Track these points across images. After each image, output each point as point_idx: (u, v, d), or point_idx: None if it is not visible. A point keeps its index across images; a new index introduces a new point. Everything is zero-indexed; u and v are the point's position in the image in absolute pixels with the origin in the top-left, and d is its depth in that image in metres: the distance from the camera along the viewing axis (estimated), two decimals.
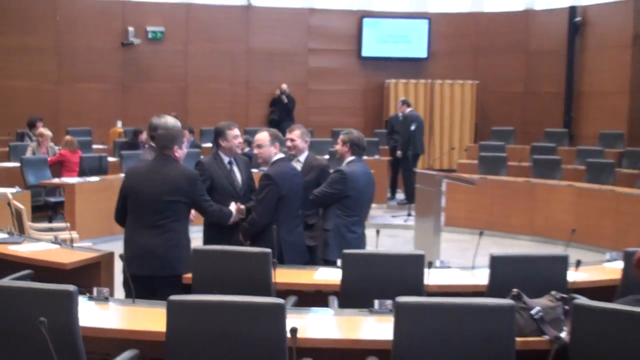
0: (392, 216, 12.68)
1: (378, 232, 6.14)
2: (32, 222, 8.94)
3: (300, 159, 6.60)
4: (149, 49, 16.44)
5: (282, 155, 6.16)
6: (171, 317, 3.65)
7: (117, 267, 5.55)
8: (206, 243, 6.07)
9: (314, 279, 5.47)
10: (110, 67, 16.31)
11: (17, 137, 14.02)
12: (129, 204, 5.45)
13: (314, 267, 5.84)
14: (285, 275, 5.30)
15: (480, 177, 11.94)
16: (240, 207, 5.98)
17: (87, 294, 4.69)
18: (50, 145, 12.29)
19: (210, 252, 5.30)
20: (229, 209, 5.80)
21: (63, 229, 8.69)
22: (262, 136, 6.12)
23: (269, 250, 5.02)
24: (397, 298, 3.77)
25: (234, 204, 5.93)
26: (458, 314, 3.74)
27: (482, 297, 4.46)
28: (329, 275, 5.43)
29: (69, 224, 9.29)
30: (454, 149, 16.27)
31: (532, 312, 4.13)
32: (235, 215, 5.91)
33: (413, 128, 13.45)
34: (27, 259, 5.79)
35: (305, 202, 6.29)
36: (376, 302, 4.58)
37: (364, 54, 17.43)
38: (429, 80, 17.27)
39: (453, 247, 9.45)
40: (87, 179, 10.82)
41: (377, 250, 5.95)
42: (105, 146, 14.29)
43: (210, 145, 13.01)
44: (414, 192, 12.64)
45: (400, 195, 14.01)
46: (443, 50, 17.41)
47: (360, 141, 6.52)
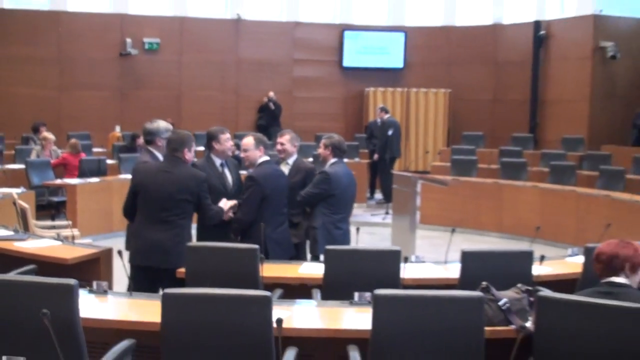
0: (371, 215, 12.68)
1: (358, 230, 6.17)
2: (36, 220, 8.89)
3: (289, 162, 6.61)
4: (145, 59, 16.38)
5: (267, 158, 6.15)
6: (166, 308, 3.64)
7: (116, 262, 5.53)
8: (199, 239, 6.07)
9: (299, 273, 5.47)
10: (109, 75, 16.23)
11: (22, 141, 13.96)
12: (139, 200, 5.46)
13: (298, 262, 5.85)
14: (271, 269, 5.28)
15: (453, 178, 11.96)
16: (231, 203, 5.97)
17: (87, 287, 4.66)
18: (53, 148, 12.25)
19: (203, 248, 5.29)
20: (221, 208, 5.79)
21: (65, 227, 8.65)
22: (248, 141, 6.14)
23: (256, 247, 5.02)
24: (376, 291, 3.77)
25: (225, 200, 5.93)
26: (432, 305, 3.74)
27: (454, 290, 4.47)
28: (313, 270, 5.44)
29: (70, 222, 9.25)
30: (428, 152, 16.33)
31: (500, 303, 4.14)
32: (227, 210, 5.91)
33: (390, 133, 13.47)
34: (31, 254, 5.77)
35: (292, 202, 6.29)
36: (356, 294, 4.58)
37: (345, 64, 17.44)
38: (405, 89, 17.30)
39: (427, 243, 9.46)
40: (87, 180, 10.75)
41: (357, 246, 5.95)
42: (104, 149, 14.24)
43: (202, 148, 12.98)
44: (391, 192, 12.90)
45: (379, 195, 14.03)
46: (418, 61, 17.43)
47: (341, 144, 6.55)
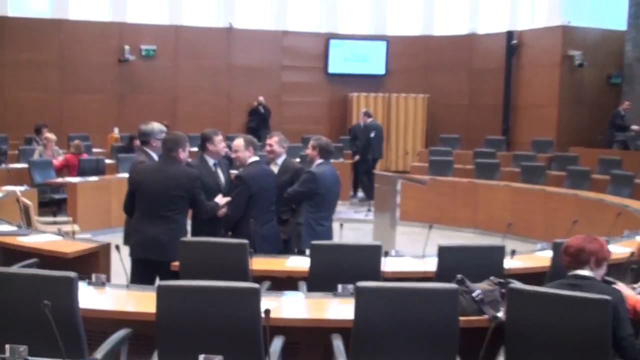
0: (355, 212, 12.69)
1: (342, 226, 6.17)
2: (38, 216, 8.84)
3: (278, 162, 6.60)
4: (142, 65, 16.30)
5: (256, 158, 6.15)
6: (161, 300, 3.62)
7: (114, 256, 5.51)
8: (193, 234, 6.07)
9: (286, 266, 5.47)
10: (108, 80, 16.14)
11: (25, 141, 13.87)
12: (137, 197, 5.47)
13: (286, 256, 5.84)
14: (260, 263, 5.28)
15: (430, 178, 11.96)
16: (226, 200, 5.97)
17: (87, 280, 4.64)
18: (55, 148, 12.19)
19: (196, 243, 5.30)
20: (216, 203, 5.79)
21: (65, 223, 8.61)
22: (238, 142, 6.16)
23: (246, 242, 5.02)
24: (358, 283, 3.77)
25: (220, 196, 5.93)
26: (410, 297, 3.74)
27: (431, 282, 4.50)
28: (299, 263, 5.44)
29: (71, 218, 9.23)
30: (407, 153, 16.33)
31: (474, 294, 4.15)
32: (222, 206, 5.90)
33: (372, 135, 13.48)
34: (34, 248, 5.74)
35: (281, 200, 6.29)
36: (340, 286, 4.59)
37: (330, 70, 17.42)
38: (387, 94, 17.30)
39: (406, 238, 9.45)
40: (87, 179, 10.74)
41: (341, 241, 5.96)
42: (103, 150, 14.18)
43: (196, 149, 12.94)
44: (372, 191, 12.94)
45: (361, 194, 14.02)
46: (398, 68, 17.44)
47: (328, 146, 6.55)
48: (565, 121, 15.31)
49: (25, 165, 11.24)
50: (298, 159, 11.10)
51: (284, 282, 5.18)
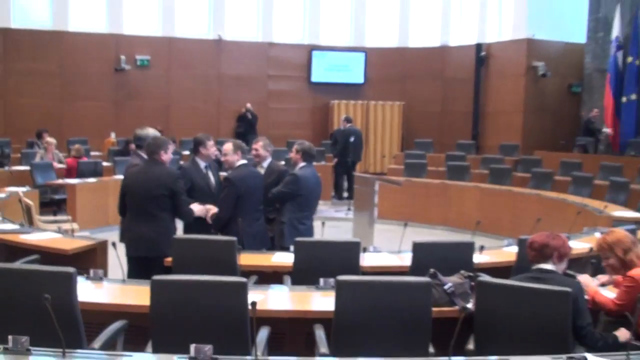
0: (335, 211, 12.68)
1: (323, 224, 6.16)
2: (40, 215, 8.78)
3: (264, 165, 6.59)
4: (137, 74, 16.22)
5: (244, 162, 6.14)
6: (154, 293, 3.61)
7: (111, 252, 5.48)
8: (185, 231, 6.05)
9: (272, 262, 5.46)
10: (106, 88, 16.06)
11: (27, 145, 13.78)
12: (127, 199, 5.50)
13: (272, 252, 5.83)
14: (248, 258, 5.27)
15: (405, 179, 12.02)
16: (214, 210, 5.96)
17: (85, 275, 4.63)
18: (55, 151, 12.15)
19: (187, 240, 5.27)
20: (191, 209, 5.68)
21: (65, 221, 8.57)
22: (227, 146, 6.16)
23: (234, 239, 5.02)
24: (338, 277, 3.77)
25: (210, 206, 5.92)
26: (386, 289, 3.75)
27: (406, 276, 4.51)
28: (284, 259, 5.43)
29: (70, 217, 9.18)
30: (384, 156, 16.39)
31: (445, 287, 4.17)
32: (210, 215, 5.89)
33: (352, 140, 13.49)
34: (35, 246, 5.71)
35: (266, 200, 6.28)
36: (321, 280, 4.59)
37: (313, 79, 17.41)
38: (365, 102, 17.33)
39: (384, 235, 9.44)
40: (85, 180, 10.69)
41: (323, 238, 5.96)
42: (101, 153, 14.10)
43: (188, 152, 12.90)
44: (342, 190, 13.13)
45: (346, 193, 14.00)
46: (376, 77, 17.47)
47: (311, 150, 6.53)
48: (530, 127, 15.40)
49: (27, 168, 11.17)
50: (283, 162, 11.11)
51: (270, 277, 5.18)
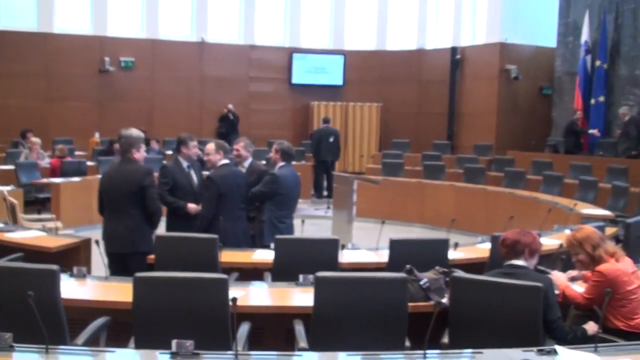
0: (315, 209, 12.68)
1: (303, 222, 6.17)
2: (24, 214, 8.68)
3: (245, 165, 6.57)
4: (121, 75, 16.08)
5: (226, 161, 6.11)
6: (137, 290, 3.58)
7: (94, 250, 5.44)
8: (168, 229, 6.01)
9: (252, 259, 5.45)
10: (90, 89, 15.89)
11: (12, 145, 13.61)
12: (104, 198, 5.45)
13: (252, 250, 5.81)
14: (229, 256, 5.25)
15: (383, 178, 12.04)
16: (197, 209, 5.96)
17: (69, 272, 4.58)
18: (40, 151, 12.04)
19: (169, 237, 5.26)
20: (160, 209, 5.57)
21: (49, 220, 8.49)
22: (210, 146, 6.15)
23: (216, 236, 5.01)
24: (317, 273, 3.77)
25: (193, 205, 5.99)
26: (364, 285, 3.76)
27: (383, 272, 4.51)
28: (265, 256, 5.41)
29: (54, 216, 9.09)
30: (363, 156, 16.41)
31: (421, 282, 4.19)
32: (194, 211, 5.93)
33: (331, 140, 13.48)
34: (19, 244, 5.65)
35: (246, 199, 6.26)
36: (301, 276, 4.59)
37: (294, 81, 17.38)
38: (344, 103, 17.34)
39: (362, 233, 9.44)
40: (69, 179, 10.59)
41: (303, 235, 5.95)
42: (85, 153, 13.98)
43: (171, 152, 12.82)
44: (322, 188, 13.13)
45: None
46: (355, 79, 17.48)
47: (289, 150, 6.50)
48: (503, 128, 15.50)
49: (12, 167, 11.02)
50: (264, 162, 11.09)
51: (250, 273, 5.16)
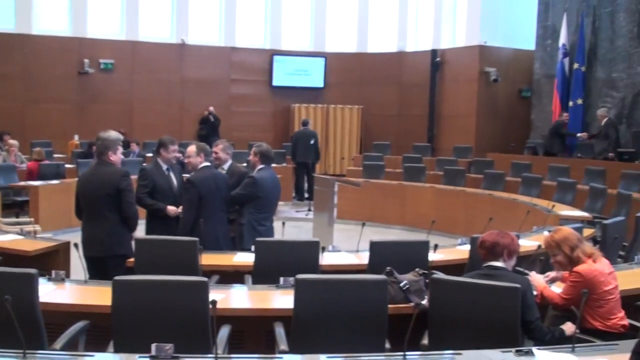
0: (296, 211, 12.67)
1: (284, 224, 6.15)
2: (2, 217, 8.60)
3: (225, 167, 6.54)
4: (101, 77, 15.98)
5: (207, 164, 6.09)
6: (116, 293, 3.55)
7: (73, 253, 5.38)
8: (148, 232, 5.97)
9: (233, 262, 5.43)
10: (69, 91, 15.77)
11: None
12: (81, 202, 5.38)
13: (233, 252, 5.79)
14: (209, 259, 5.24)
15: (364, 180, 12.06)
16: (177, 211, 5.94)
17: (47, 276, 4.52)
18: (17, 153, 11.95)
19: (149, 240, 5.21)
20: (137, 213, 5.45)
21: (28, 223, 8.40)
22: (190, 149, 6.12)
23: (196, 239, 4.98)
24: (297, 275, 3.76)
25: (172, 207, 5.96)
26: (344, 287, 3.75)
27: (363, 274, 4.52)
28: (245, 258, 5.40)
29: (32, 219, 8.99)
30: (343, 158, 16.45)
31: (401, 284, 4.20)
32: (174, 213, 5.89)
33: (312, 142, 13.49)
34: None
35: (226, 201, 6.24)
36: (281, 279, 4.57)
37: (274, 83, 17.38)
38: (325, 105, 17.37)
39: (342, 235, 9.46)
40: (48, 182, 10.49)
41: (283, 238, 5.95)
42: (64, 155, 13.86)
43: (151, 155, 12.73)
44: (303, 190, 13.09)
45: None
46: (335, 82, 17.53)
47: (268, 152, 6.47)
48: (482, 130, 15.62)
49: None
50: (245, 164, 11.06)
51: (231, 276, 5.14)
